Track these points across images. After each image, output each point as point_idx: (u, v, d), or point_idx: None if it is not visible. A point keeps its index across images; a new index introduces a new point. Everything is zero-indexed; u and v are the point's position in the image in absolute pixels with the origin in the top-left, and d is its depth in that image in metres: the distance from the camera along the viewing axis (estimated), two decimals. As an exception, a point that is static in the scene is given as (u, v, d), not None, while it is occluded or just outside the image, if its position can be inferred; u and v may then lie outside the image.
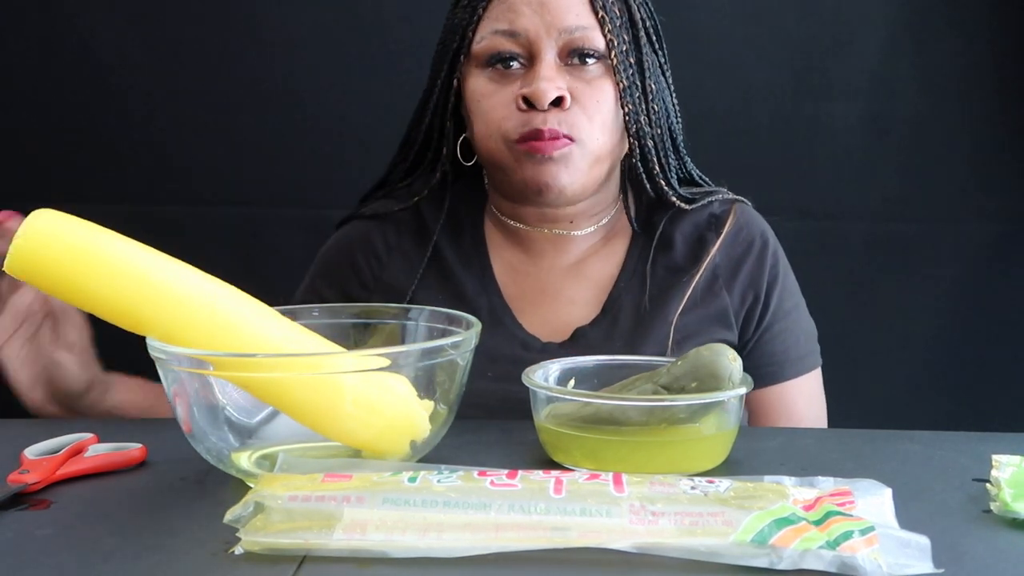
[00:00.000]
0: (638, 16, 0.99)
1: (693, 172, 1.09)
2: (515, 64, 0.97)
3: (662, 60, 1.04)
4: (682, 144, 1.06)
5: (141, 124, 1.52)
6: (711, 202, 1.05)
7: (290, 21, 1.50)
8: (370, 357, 0.66)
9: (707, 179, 1.10)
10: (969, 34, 1.49)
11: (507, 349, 0.99)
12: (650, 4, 1.03)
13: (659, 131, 1.01)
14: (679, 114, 1.06)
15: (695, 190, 1.07)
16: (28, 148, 1.53)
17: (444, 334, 0.78)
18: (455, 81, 1.01)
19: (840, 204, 1.52)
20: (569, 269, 1.06)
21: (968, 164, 1.51)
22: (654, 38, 1.02)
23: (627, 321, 1.00)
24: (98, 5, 1.49)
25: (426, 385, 0.69)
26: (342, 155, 1.51)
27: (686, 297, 1.00)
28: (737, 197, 1.08)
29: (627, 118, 0.98)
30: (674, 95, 1.05)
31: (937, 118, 1.50)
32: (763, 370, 1.02)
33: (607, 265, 1.05)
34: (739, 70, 1.50)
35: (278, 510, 0.56)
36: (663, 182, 1.01)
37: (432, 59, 1.04)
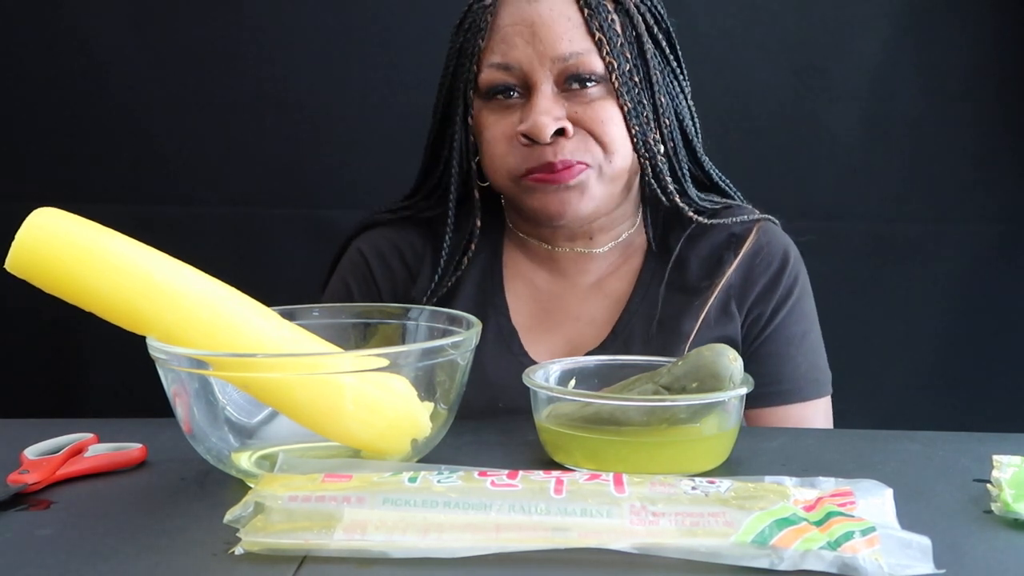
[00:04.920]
0: (643, 27, 0.96)
1: (715, 176, 1.06)
2: (514, 95, 0.95)
3: (675, 65, 1.01)
4: (700, 148, 1.03)
5: (141, 124, 1.51)
6: (733, 222, 1.01)
7: (291, 22, 1.50)
8: (370, 357, 0.66)
9: (730, 183, 1.08)
10: (969, 34, 1.48)
11: (516, 379, 0.95)
12: (659, 7, 1.00)
13: (671, 145, 0.99)
14: (696, 118, 1.04)
15: (717, 200, 1.04)
16: (28, 148, 1.52)
17: (444, 334, 0.78)
18: (470, 118, 0.98)
19: (840, 204, 1.52)
20: (589, 289, 1.04)
21: (968, 164, 1.51)
22: (665, 45, 0.99)
23: (637, 344, 0.98)
24: (98, 5, 1.49)
25: (426, 385, 0.69)
26: (342, 155, 1.51)
27: (700, 320, 0.97)
28: (763, 216, 1.04)
29: (634, 139, 0.95)
30: (690, 99, 1.03)
31: (937, 118, 1.50)
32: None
33: (623, 282, 1.03)
34: (739, 70, 1.50)
35: (278, 510, 0.56)
36: (678, 198, 0.99)
37: (440, 83, 1.02)
